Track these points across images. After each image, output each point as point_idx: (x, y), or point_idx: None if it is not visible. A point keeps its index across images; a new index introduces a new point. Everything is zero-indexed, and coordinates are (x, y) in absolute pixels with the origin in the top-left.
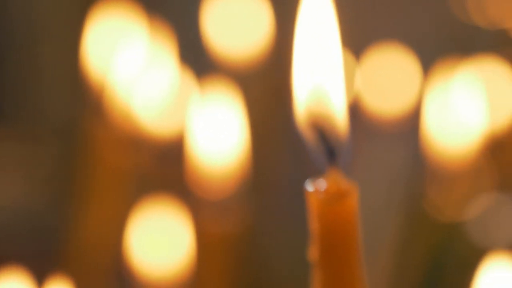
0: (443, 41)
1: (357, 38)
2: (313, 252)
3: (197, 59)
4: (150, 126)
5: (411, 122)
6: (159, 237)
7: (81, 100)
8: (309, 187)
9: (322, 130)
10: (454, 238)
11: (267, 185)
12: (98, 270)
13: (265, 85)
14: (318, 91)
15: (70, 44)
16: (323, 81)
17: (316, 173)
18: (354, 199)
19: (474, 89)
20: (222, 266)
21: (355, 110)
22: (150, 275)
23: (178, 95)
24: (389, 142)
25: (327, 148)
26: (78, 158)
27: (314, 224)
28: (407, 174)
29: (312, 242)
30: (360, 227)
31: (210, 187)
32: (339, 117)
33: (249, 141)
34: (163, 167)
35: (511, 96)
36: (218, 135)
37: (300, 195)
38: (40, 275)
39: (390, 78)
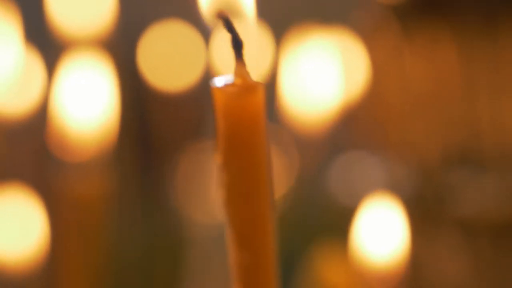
0: (295, 6)
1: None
2: (217, 155)
3: (43, 36)
4: None
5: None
6: (10, 221)
7: None
8: (215, 82)
9: (229, 21)
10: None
11: (133, 151)
12: None
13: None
14: None
15: None
16: None
17: None
18: (261, 94)
19: (327, 57)
20: (83, 229)
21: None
22: (4, 261)
23: (24, 73)
24: None
25: (234, 40)
26: None
27: (219, 123)
28: None
29: (217, 144)
30: (266, 125)
31: (72, 150)
32: (245, 9)
33: (116, 107)
34: (13, 146)
35: (363, 60)
36: (72, 106)
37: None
38: None
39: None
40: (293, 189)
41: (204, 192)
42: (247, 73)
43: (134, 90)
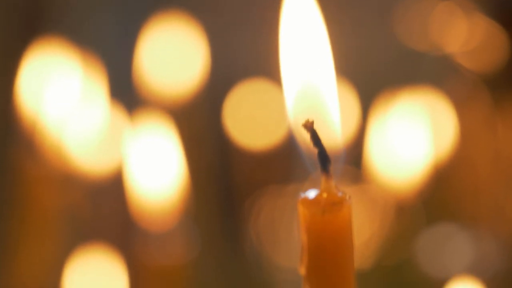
0: (386, 69)
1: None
2: (302, 267)
3: (130, 95)
4: (83, 162)
5: (353, 155)
6: (95, 281)
7: (13, 137)
8: (301, 196)
9: (316, 135)
10: (404, 271)
11: (203, 216)
12: None
13: (196, 120)
14: (310, 95)
15: (2, 80)
16: (315, 85)
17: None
18: (347, 209)
19: (416, 121)
20: None
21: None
22: None
23: (111, 131)
24: None
25: (321, 154)
26: (8, 196)
27: (304, 236)
28: None
29: (301, 256)
30: (354, 239)
31: (151, 220)
32: (333, 124)
33: (184, 174)
34: (98, 204)
35: (453, 127)
36: (155, 169)
37: (234, 226)
38: None
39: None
40: (379, 255)
41: (287, 237)
42: (334, 187)
43: (219, 147)
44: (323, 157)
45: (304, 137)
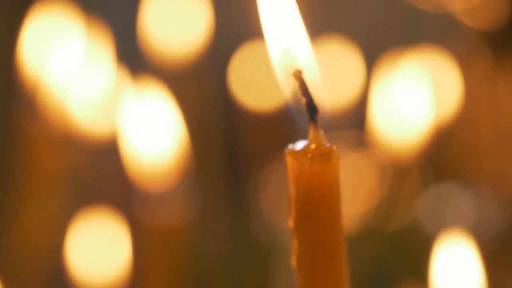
0: (388, 28)
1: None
2: (290, 219)
3: (134, 57)
4: (85, 124)
5: (356, 116)
6: (98, 242)
7: (15, 97)
8: (288, 147)
9: (305, 84)
10: (406, 231)
11: (207, 178)
12: (34, 276)
13: (201, 82)
14: (289, 53)
15: (5, 41)
16: (292, 43)
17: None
18: (335, 160)
19: (419, 81)
20: (164, 259)
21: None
22: (89, 281)
23: (114, 93)
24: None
25: (309, 104)
26: (10, 157)
27: (292, 188)
28: None
29: (289, 208)
30: (341, 192)
31: (150, 181)
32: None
33: (187, 135)
34: (99, 166)
35: (456, 87)
36: (155, 131)
37: (238, 188)
38: None
39: (332, 71)
40: (379, 215)
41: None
42: (322, 138)
43: (224, 109)
44: (311, 107)
45: (294, 91)
